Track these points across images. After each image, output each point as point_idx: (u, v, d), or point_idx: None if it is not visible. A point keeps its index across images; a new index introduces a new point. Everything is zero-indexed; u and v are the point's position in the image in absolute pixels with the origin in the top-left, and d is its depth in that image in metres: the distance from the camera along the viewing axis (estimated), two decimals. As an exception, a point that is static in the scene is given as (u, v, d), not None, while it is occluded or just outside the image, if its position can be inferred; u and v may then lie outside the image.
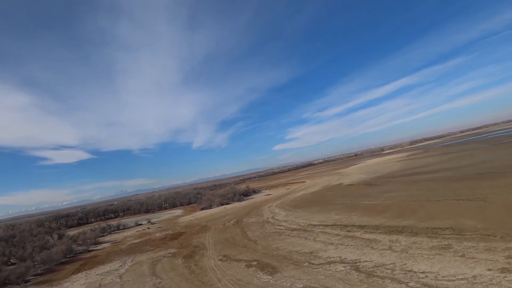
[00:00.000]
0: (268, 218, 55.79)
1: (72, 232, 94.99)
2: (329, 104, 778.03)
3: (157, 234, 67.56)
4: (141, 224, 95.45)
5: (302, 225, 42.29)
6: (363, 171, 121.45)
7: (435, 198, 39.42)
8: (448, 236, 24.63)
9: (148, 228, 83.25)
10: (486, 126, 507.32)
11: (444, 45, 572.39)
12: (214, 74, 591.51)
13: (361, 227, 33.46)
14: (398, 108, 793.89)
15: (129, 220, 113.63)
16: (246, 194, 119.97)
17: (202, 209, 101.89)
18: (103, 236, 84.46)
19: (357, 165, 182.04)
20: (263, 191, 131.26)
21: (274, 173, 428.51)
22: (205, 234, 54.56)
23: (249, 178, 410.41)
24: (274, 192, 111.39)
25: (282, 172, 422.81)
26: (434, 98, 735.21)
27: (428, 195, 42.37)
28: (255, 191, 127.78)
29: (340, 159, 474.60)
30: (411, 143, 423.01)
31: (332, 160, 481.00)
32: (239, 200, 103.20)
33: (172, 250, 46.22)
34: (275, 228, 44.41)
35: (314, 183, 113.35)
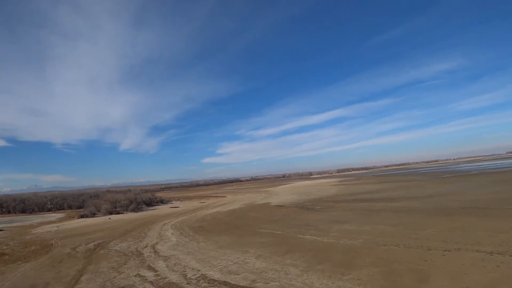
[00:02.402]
0: (145, 247, 32.84)
1: None
2: (264, 124, 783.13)
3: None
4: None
5: (188, 277, 20.84)
6: (294, 191, 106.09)
7: (434, 244, 22.04)
8: None
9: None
10: (409, 163, 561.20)
11: (377, 85, 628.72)
12: (153, 78, 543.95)
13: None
14: (329, 137, 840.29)
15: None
16: (150, 203, 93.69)
17: (81, 216, 72.84)
18: None
19: (286, 185, 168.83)
20: (173, 201, 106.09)
21: (198, 185, 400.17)
22: (19, 267, 29.07)
23: (171, 187, 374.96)
24: (185, 205, 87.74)
25: (207, 184, 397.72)
26: (363, 132, 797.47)
27: (414, 235, 25.07)
28: (162, 201, 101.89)
29: (268, 178, 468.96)
30: (339, 171, 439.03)
31: (260, 179, 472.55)
32: (135, 210, 76.94)
33: None
34: (134, 279, 21.96)
35: (235, 199, 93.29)
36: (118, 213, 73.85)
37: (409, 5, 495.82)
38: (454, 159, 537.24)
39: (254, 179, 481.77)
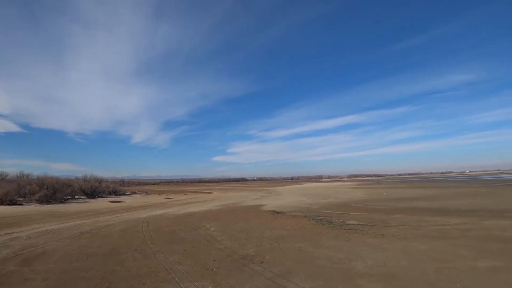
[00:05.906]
0: None
1: None
2: (276, 125, 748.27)
3: None
4: None
5: None
6: (304, 192, 74.44)
7: None
8: None
9: None
10: (421, 173, 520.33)
11: (393, 92, 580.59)
12: (169, 72, 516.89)
13: None
14: (341, 143, 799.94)
15: None
16: (91, 194, 64.09)
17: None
18: None
19: (294, 186, 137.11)
20: (136, 194, 76.28)
21: (201, 181, 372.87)
22: None
23: (171, 182, 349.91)
24: (137, 200, 57.59)
25: (211, 182, 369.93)
26: (376, 140, 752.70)
27: None
28: (115, 193, 71.83)
29: (276, 180, 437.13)
30: (350, 176, 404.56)
31: (267, 180, 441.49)
32: (46, 200, 47.01)
33: None
34: None
35: (219, 197, 62.62)
36: (15, 203, 44.48)
37: (434, 13, 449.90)
38: (469, 171, 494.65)
39: (261, 179, 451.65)
